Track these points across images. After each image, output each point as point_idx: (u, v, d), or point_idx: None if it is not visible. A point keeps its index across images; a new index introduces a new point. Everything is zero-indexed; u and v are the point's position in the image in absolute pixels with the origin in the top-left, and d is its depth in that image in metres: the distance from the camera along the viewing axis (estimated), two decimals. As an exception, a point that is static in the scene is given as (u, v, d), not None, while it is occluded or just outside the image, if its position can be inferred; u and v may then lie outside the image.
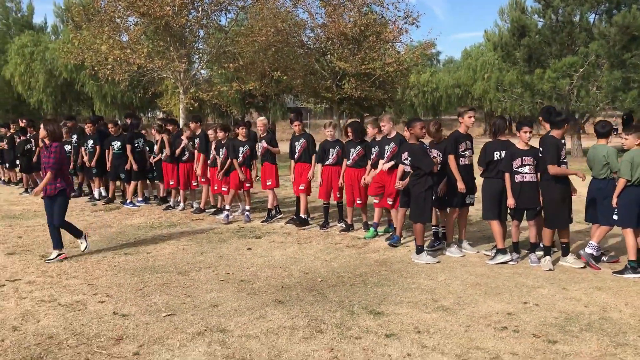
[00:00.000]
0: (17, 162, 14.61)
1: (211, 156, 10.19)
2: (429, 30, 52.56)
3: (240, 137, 9.83)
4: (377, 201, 8.17)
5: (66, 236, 7.57)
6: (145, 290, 5.89)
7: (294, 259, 7.17)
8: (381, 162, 7.88)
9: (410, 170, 7.03)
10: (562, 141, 6.84)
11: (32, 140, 13.96)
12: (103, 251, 7.71)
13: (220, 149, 9.87)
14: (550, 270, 6.37)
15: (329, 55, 26.44)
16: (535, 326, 4.66)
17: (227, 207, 9.87)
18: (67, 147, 12.80)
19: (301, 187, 9.10)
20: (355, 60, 25.14)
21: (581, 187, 7.07)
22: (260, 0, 20.97)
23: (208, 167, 10.32)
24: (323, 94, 27.63)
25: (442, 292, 5.65)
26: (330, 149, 8.88)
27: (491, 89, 26.48)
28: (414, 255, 6.96)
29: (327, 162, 8.91)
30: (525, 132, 6.58)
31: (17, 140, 14.43)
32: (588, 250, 6.62)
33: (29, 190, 13.86)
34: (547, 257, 6.57)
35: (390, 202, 7.87)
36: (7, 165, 15.39)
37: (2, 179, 16.17)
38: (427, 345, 4.28)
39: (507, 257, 6.69)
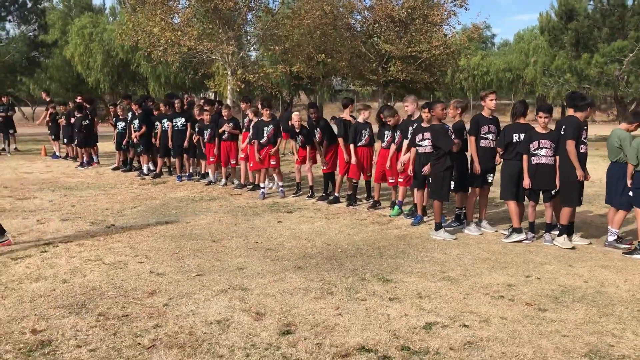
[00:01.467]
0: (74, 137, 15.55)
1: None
2: (478, 13, 51.87)
3: (264, 118, 10.36)
4: (401, 180, 8.53)
5: (104, 205, 8.25)
6: (180, 254, 6.49)
7: (319, 232, 7.65)
8: (405, 142, 8.21)
9: (426, 151, 7.37)
10: (585, 127, 7.00)
11: (89, 116, 14.88)
12: (146, 219, 8.39)
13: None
14: (571, 248, 6.62)
15: (375, 38, 26.58)
16: (530, 296, 4.99)
17: (261, 185, 10.44)
18: (122, 125, 13.67)
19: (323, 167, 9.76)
20: (401, 43, 25.24)
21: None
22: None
23: (248, 145, 10.92)
24: (369, 76, 27.84)
25: (451, 265, 6.02)
26: (363, 131, 9.25)
27: (538, 73, 25.98)
28: (432, 231, 7.32)
29: (360, 143, 9.30)
30: (541, 117, 6.80)
31: (75, 116, 15.36)
32: (610, 238, 6.83)
33: (84, 164, 14.84)
34: (564, 236, 6.81)
35: (392, 181, 8.48)
36: (65, 140, 16.41)
37: (58, 154, 17.24)
38: (425, 308, 4.69)
39: (522, 236, 6.97)
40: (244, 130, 11.52)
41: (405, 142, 8.19)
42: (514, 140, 7.06)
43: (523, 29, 50.28)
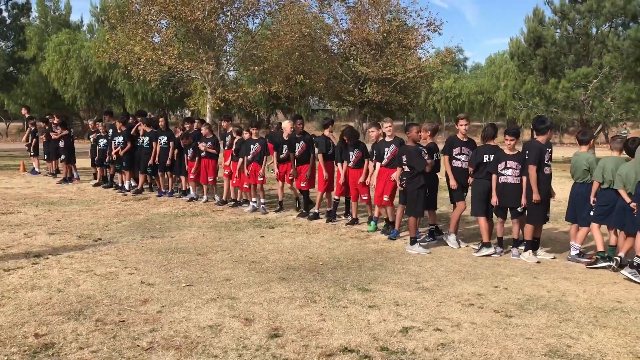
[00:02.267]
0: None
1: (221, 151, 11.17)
2: (451, 38, 53.78)
3: (253, 137, 10.75)
4: (387, 199, 8.94)
5: (89, 220, 8.51)
6: (168, 266, 6.78)
7: (301, 246, 8.01)
8: (378, 164, 8.68)
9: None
10: (548, 149, 7.52)
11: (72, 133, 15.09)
12: (132, 234, 8.64)
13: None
14: (536, 262, 7.09)
15: (351, 60, 27.26)
16: (498, 304, 5.43)
17: (253, 199, 10.81)
18: (103, 141, 13.89)
19: (302, 185, 10.22)
20: (377, 65, 25.96)
21: (565, 192, 7.77)
22: (287, 6, 21.93)
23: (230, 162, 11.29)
24: (345, 97, 28.50)
25: (425, 276, 6.44)
26: (350, 152, 9.59)
27: (508, 97, 26.95)
28: (408, 246, 7.74)
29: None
30: (507, 140, 7.33)
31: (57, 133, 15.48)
32: (573, 252, 7.34)
33: (67, 179, 15.00)
34: (530, 251, 7.29)
35: (365, 198, 9.13)
36: (46, 156, 16.51)
37: (38, 170, 17.28)
38: (401, 314, 5.08)
39: (491, 250, 7.44)
40: (225, 148, 11.86)
41: (378, 164, 8.68)
42: (484, 161, 7.56)
43: (494, 53, 51.71)
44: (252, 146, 10.68)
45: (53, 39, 39.97)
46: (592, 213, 7.07)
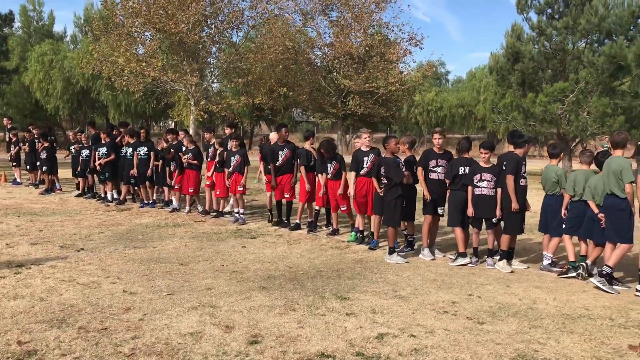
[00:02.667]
0: (38, 163, 15.66)
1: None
2: (432, 52, 54.74)
3: (233, 149, 10.92)
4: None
5: (71, 230, 8.58)
6: (150, 275, 6.88)
7: (282, 256, 8.15)
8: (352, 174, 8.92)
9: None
10: (524, 162, 7.76)
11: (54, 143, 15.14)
12: (114, 244, 8.72)
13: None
14: (510, 272, 7.30)
15: (334, 73, 27.53)
16: (471, 312, 5.61)
17: (236, 210, 10.95)
18: (86, 152, 13.93)
19: (287, 195, 10.36)
20: (359, 78, 26.23)
21: (540, 203, 8.03)
22: (271, 19, 22.18)
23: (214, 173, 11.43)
24: (328, 109, 28.72)
25: (402, 285, 6.61)
26: (328, 164, 9.78)
27: (487, 110, 27.44)
28: (386, 255, 7.92)
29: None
30: (482, 153, 7.58)
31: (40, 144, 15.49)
32: (545, 262, 7.58)
33: (49, 190, 14.99)
34: (504, 260, 7.51)
35: (344, 208, 9.37)
36: (28, 167, 16.48)
37: (19, 180, 17.23)
38: (378, 321, 5.24)
39: (466, 260, 7.65)
40: (208, 159, 11.97)
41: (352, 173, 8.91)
42: (460, 173, 7.78)
43: (475, 67, 52.50)
44: (232, 158, 10.86)
45: (36, 49, 39.82)
46: (564, 225, 7.32)
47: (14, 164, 17.32)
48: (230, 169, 10.87)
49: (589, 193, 6.95)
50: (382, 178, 8.07)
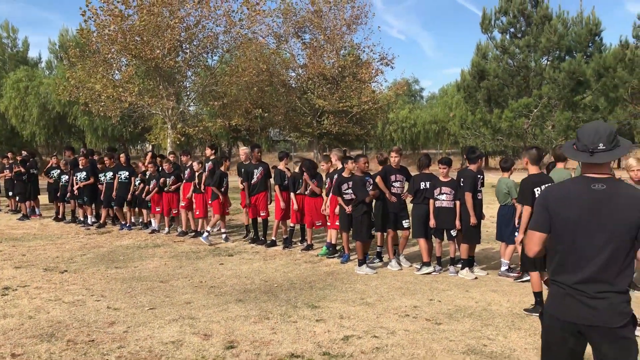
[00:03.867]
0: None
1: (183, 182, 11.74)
2: (402, 71, 56.46)
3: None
4: (329, 224, 9.66)
5: (54, 254, 8.92)
6: (132, 293, 7.28)
7: (258, 271, 8.60)
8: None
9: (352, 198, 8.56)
10: (480, 176, 8.36)
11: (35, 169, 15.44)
12: (97, 265, 9.08)
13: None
14: (473, 279, 7.84)
15: (309, 94, 28.21)
16: (431, 314, 6.13)
17: (207, 229, 11.31)
18: (65, 177, 14.25)
19: (262, 213, 10.81)
20: (333, 98, 26.96)
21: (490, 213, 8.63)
22: (245, 43, 22.77)
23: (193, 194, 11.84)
24: (304, 129, 29.37)
25: (370, 293, 7.12)
26: (300, 180, 10.32)
27: (455, 126, 28.36)
28: (356, 267, 8.42)
29: (298, 192, 10.36)
30: (440, 168, 8.17)
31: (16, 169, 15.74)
32: (503, 268, 8.16)
33: (27, 216, 15.23)
34: (467, 268, 8.06)
35: (319, 224, 9.93)
36: (10, 193, 16.67)
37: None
38: (344, 326, 5.73)
39: (430, 269, 8.19)
40: (185, 180, 12.37)
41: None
42: (422, 187, 8.35)
43: (447, 84, 53.74)
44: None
45: (11, 76, 39.79)
46: (517, 233, 7.89)
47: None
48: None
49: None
50: (347, 195, 8.61)
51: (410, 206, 8.86)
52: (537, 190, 6.37)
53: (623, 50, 24.91)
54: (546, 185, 6.21)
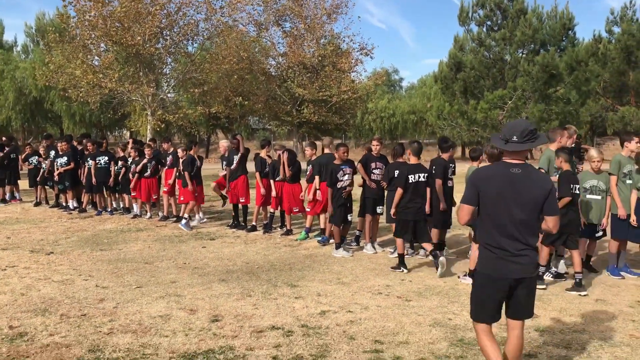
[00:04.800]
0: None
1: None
2: (382, 61, 56.96)
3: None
4: (309, 209, 10.06)
5: (38, 237, 9.17)
6: (119, 273, 7.60)
7: (239, 254, 8.97)
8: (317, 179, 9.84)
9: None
10: (452, 165, 8.82)
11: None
12: (82, 248, 9.36)
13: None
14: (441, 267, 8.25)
15: (289, 82, 28.44)
16: (402, 292, 6.58)
17: (185, 215, 11.61)
18: (45, 163, 14.41)
19: (242, 200, 11.19)
20: (313, 87, 27.23)
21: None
22: (225, 30, 22.91)
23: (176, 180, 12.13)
24: (283, 117, 29.62)
25: (346, 273, 7.55)
26: (279, 168, 10.67)
27: (433, 117, 28.95)
28: (333, 250, 8.84)
29: (278, 179, 10.72)
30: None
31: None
32: (471, 252, 8.62)
33: (6, 200, 15.35)
34: (437, 252, 8.51)
35: (297, 210, 10.44)
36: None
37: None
38: (322, 302, 6.15)
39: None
40: (166, 167, 12.63)
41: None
42: (395, 176, 8.77)
43: (425, 75, 54.38)
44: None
45: (-15, 60, 39.34)
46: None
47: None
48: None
49: None
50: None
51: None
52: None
53: (596, 44, 25.71)
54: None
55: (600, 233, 7.56)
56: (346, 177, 9.05)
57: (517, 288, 3.74)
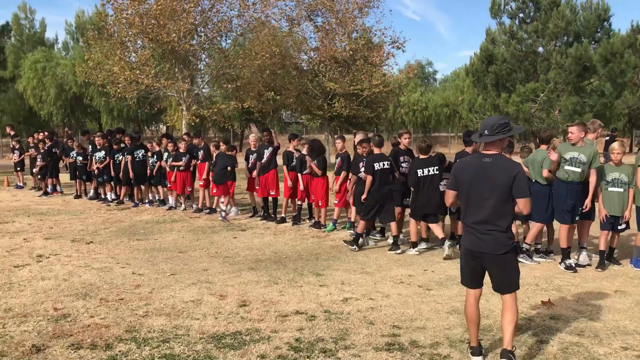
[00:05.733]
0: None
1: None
2: (413, 55, 56.63)
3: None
4: (336, 202, 10.33)
5: (79, 227, 9.65)
6: (154, 261, 8.01)
7: (268, 244, 9.31)
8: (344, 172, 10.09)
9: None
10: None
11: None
12: (120, 237, 9.83)
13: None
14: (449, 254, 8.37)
15: (320, 76, 28.68)
16: (423, 282, 6.80)
17: (223, 207, 12.02)
18: (80, 158, 15.05)
19: (272, 192, 11.55)
20: (344, 81, 27.42)
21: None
22: (258, 27, 23.31)
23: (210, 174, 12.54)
24: (315, 111, 29.91)
25: (370, 264, 7.79)
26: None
27: (465, 110, 28.81)
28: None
29: (305, 172, 11.02)
30: None
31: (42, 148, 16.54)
32: None
33: (48, 193, 16.06)
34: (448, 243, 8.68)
35: (321, 204, 10.61)
36: (33, 171, 17.51)
37: (21, 184, 18.27)
38: (345, 290, 6.42)
39: (429, 244, 8.83)
40: (199, 161, 13.07)
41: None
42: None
43: (459, 67, 53.87)
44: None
45: (29, 57, 40.70)
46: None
47: (18, 168, 18.34)
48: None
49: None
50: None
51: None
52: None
53: (634, 34, 25.18)
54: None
55: (623, 226, 7.60)
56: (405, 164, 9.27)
57: (487, 263, 4.33)
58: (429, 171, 8.50)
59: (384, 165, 8.65)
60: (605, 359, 4.51)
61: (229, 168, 11.85)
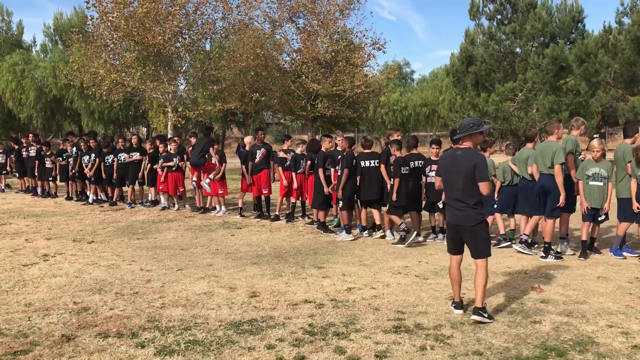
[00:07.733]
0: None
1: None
2: (394, 55, 57.42)
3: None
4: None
5: (77, 227, 9.88)
6: (158, 258, 8.30)
7: (266, 240, 9.65)
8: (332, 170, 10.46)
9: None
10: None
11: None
12: (120, 237, 10.08)
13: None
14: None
15: (303, 77, 29.03)
16: (419, 272, 7.22)
17: (217, 207, 12.35)
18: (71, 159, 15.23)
19: (265, 191, 11.88)
20: (326, 82, 27.80)
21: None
22: (241, 28, 23.55)
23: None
24: (298, 112, 30.24)
25: (367, 256, 8.19)
26: (301, 161, 11.35)
27: (445, 109, 29.37)
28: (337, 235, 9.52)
29: (299, 171, 11.39)
30: (433, 148, 9.24)
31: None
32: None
33: (38, 194, 16.17)
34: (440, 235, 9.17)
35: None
36: (17, 174, 17.59)
37: (2, 187, 18.32)
38: (347, 280, 6.80)
39: (420, 238, 9.26)
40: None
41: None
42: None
43: (437, 67, 54.66)
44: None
45: (7, 59, 40.32)
46: (495, 206, 8.99)
47: (4, 172, 18.37)
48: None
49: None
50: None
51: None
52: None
53: (606, 35, 26.05)
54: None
55: (603, 217, 8.12)
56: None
57: (463, 233, 5.40)
58: (370, 163, 9.63)
59: (370, 163, 9.62)
60: (593, 336, 4.96)
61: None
